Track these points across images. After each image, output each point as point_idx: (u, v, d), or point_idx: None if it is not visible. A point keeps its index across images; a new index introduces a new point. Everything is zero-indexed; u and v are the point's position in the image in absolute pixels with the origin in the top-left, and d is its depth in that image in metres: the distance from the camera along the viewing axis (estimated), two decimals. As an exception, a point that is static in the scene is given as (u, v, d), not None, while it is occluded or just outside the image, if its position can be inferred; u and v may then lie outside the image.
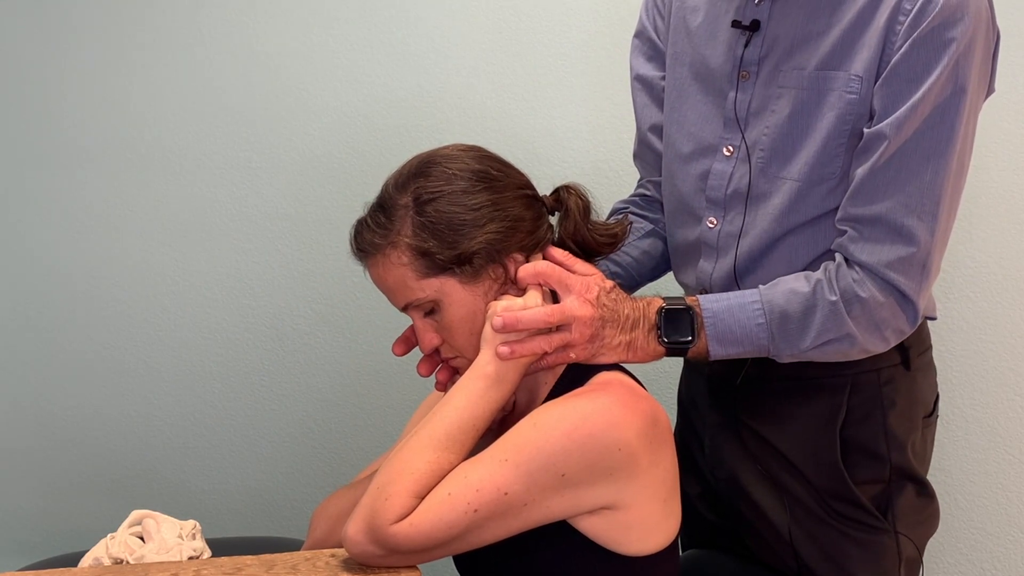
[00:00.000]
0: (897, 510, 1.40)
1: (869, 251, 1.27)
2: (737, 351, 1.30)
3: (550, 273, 1.25)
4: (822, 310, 1.28)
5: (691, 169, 1.43)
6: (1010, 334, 1.94)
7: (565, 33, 2.02)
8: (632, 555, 1.19)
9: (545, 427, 1.15)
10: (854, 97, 1.28)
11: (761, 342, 1.30)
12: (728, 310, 1.30)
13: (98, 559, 1.31)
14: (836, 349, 1.30)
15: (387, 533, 1.12)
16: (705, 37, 1.42)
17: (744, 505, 1.45)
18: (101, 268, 2.13)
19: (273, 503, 2.19)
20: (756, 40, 1.36)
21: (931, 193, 1.25)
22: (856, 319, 1.28)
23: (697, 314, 1.29)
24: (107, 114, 2.10)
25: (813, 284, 1.29)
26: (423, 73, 2.05)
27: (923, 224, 1.26)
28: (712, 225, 1.41)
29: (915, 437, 1.42)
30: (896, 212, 1.25)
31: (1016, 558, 1.99)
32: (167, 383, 2.16)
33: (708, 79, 1.42)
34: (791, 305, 1.29)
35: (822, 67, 1.30)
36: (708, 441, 1.50)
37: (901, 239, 1.26)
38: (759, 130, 1.36)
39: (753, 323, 1.29)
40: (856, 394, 1.38)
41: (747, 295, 1.31)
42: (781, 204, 1.34)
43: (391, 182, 1.28)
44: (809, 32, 1.32)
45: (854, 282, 1.27)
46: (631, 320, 1.27)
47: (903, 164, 1.25)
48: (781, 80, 1.34)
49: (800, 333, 1.29)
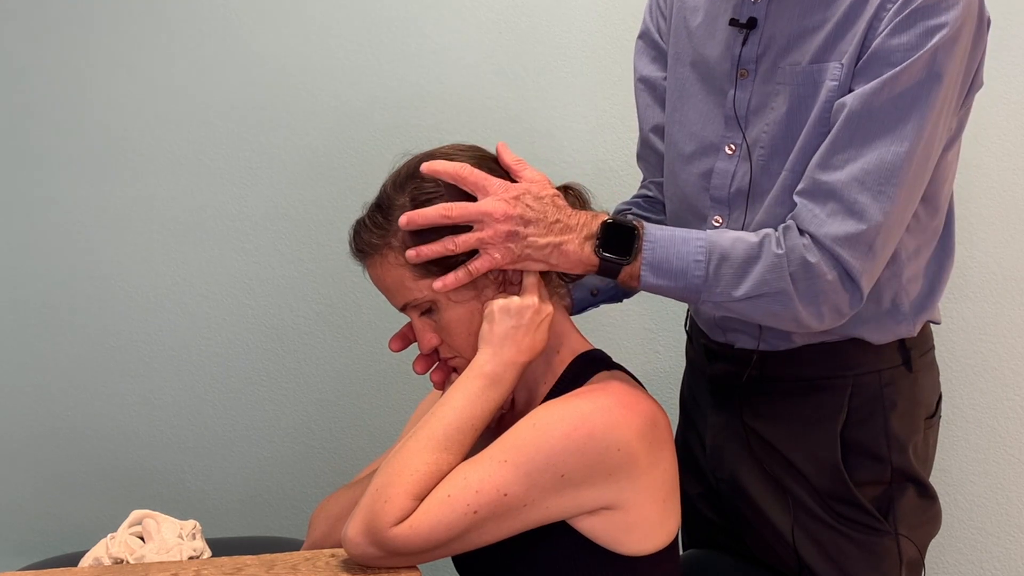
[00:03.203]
0: (898, 512, 1.39)
1: (819, 223, 1.24)
2: (668, 284, 1.26)
3: (466, 176, 1.22)
4: (765, 260, 1.25)
5: (693, 168, 1.43)
6: (1010, 334, 1.94)
7: (565, 33, 2.02)
8: (632, 555, 1.19)
9: (544, 427, 1.15)
10: (835, 84, 1.27)
11: (694, 280, 1.26)
12: (671, 239, 1.26)
13: (98, 559, 1.31)
14: (767, 307, 1.26)
15: (387, 535, 1.12)
16: (704, 36, 1.42)
17: (745, 505, 1.45)
18: (101, 268, 2.13)
19: (273, 503, 2.19)
20: (753, 38, 1.36)
21: (889, 173, 1.22)
22: (797, 281, 1.24)
23: (640, 236, 1.26)
24: (107, 114, 2.10)
25: (761, 237, 1.27)
26: (423, 73, 2.05)
27: (876, 204, 1.23)
28: (718, 224, 1.40)
29: (917, 439, 1.41)
30: (850, 187, 1.23)
31: (1016, 558, 1.99)
32: (167, 383, 2.16)
33: (708, 78, 1.42)
34: (735, 250, 1.26)
35: (815, 61, 1.30)
36: (709, 441, 1.50)
37: (852, 215, 1.23)
38: (759, 128, 1.35)
39: (692, 258, 1.26)
40: (857, 395, 1.38)
41: (693, 232, 1.28)
42: (773, 196, 1.33)
43: (389, 182, 1.28)
44: (805, 28, 1.32)
45: (803, 247, 1.25)
46: (563, 224, 1.24)
47: (864, 138, 1.23)
48: (779, 77, 1.33)
49: (736, 279, 1.25)
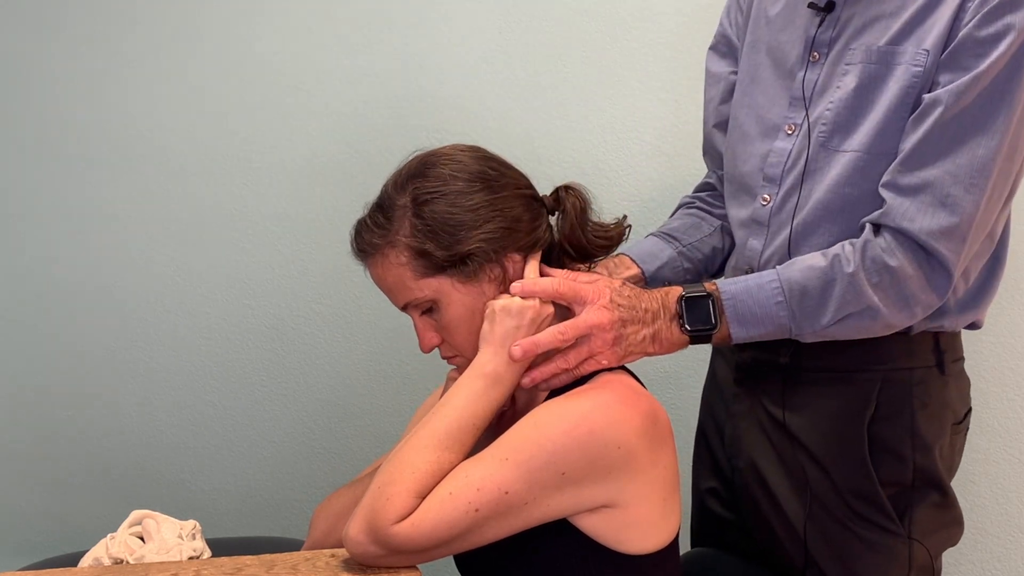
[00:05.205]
0: (915, 516, 1.38)
1: (911, 218, 1.26)
2: (759, 332, 1.30)
3: (564, 291, 1.24)
4: (840, 283, 1.27)
5: (754, 149, 1.44)
6: (1009, 334, 1.94)
7: (565, 33, 2.02)
8: (632, 553, 1.19)
9: (545, 425, 1.15)
10: (919, 70, 1.28)
11: (782, 321, 1.29)
12: (747, 291, 1.29)
13: (98, 559, 1.31)
14: (858, 323, 1.29)
15: (388, 533, 1.12)
16: (783, 23, 1.45)
17: (760, 495, 1.44)
18: (101, 268, 2.13)
19: (273, 503, 2.19)
20: (829, 21, 1.38)
21: (981, 167, 1.24)
22: (882, 290, 1.27)
23: (717, 299, 1.29)
24: (107, 114, 2.10)
25: (830, 258, 1.28)
26: (423, 73, 2.05)
27: (969, 196, 1.25)
28: (765, 202, 1.41)
29: (943, 442, 1.40)
30: (944, 181, 1.25)
31: (1016, 558, 1.99)
32: (167, 383, 2.16)
33: (781, 63, 1.44)
34: (809, 281, 1.28)
35: (891, 43, 1.31)
36: (729, 429, 1.49)
37: (945, 209, 1.25)
38: (823, 106, 1.36)
39: (772, 302, 1.28)
40: (886, 390, 1.37)
41: (764, 275, 1.30)
42: (838, 175, 1.33)
43: (390, 182, 1.28)
44: (882, 12, 1.33)
45: (883, 251, 1.26)
46: (651, 312, 1.27)
47: (956, 133, 1.25)
48: (848, 58, 1.35)
49: (819, 309, 1.28)
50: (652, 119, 2.00)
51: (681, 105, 1.98)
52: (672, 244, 1.53)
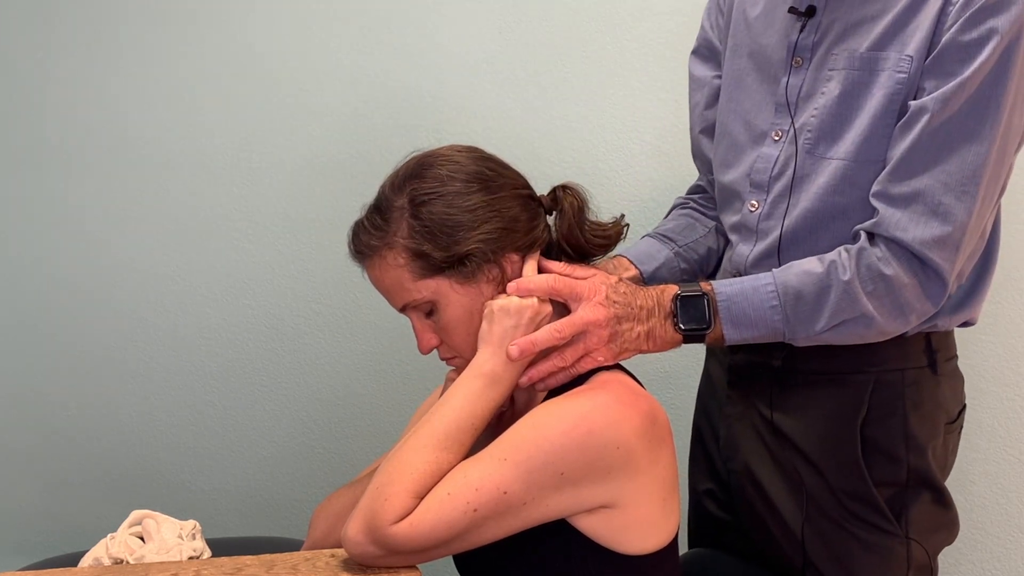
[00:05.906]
0: (911, 515, 1.38)
1: (904, 228, 1.25)
2: (753, 334, 1.30)
3: (560, 288, 1.25)
4: (836, 290, 1.27)
5: (744, 157, 1.44)
6: (1009, 334, 1.94)
7: (565, 33, 2.02)
8: (631, 554, 1.19)
9: (544, 426, 1.15)
10: (903, 76, 1.28)
11: (776, 325, 1.29)
12: (742, 293, 1.29)
13: (98, 559, 1.31)
14: (852, 330, 1.29)
15: (387, 533, 1.12)
16: (763, 26, 1.44)
17: (756, 498, 1.44)
18: (101, 268, 2.13)
19: (273, 503, 2.19)
20: (811, 26, 1.37)
21: (972, 174, 1.24)
22: (877, 298, 1.26)
23: (712, 299, 1.29)
24: (106, 114, 2.10)
25: (827, 265, 1.28)
26: (423, 73, 2.05)
27: (961, 204, 1.24)
28: (753, 208, 1.41)
29: (936, 442, 1.40)
30: (935, 189, 1.24)
31: (1016, 558, 1.99)
32: (167, 383, 2.16)
33: (764, 67, 1.43)
34: (804, 286, 1.28)
35: (873, 48, 1.31)
36: (724, 431, 1.49)
37: (937, 218, 1.25)
38: (808, 112, 1.36)
39: (767, 305, 1.28)
40: (878, 392, 1.37)
41: (760, 278, 1.30)
42: (826, 184, 1.33)
43: (387, 184, 1.28)
44: (863, 16, 1.33)
45: (878, 260, 1.26)
46: (646, 309, 1.27)
47: (945, 141, 1.24)
48: (831, 63, 1.34)
49: (813, 314, 1.28)
50: (652, 119, 2.00)
51: (681, 105, 1.97)
52: (668, 245, 1.53)
